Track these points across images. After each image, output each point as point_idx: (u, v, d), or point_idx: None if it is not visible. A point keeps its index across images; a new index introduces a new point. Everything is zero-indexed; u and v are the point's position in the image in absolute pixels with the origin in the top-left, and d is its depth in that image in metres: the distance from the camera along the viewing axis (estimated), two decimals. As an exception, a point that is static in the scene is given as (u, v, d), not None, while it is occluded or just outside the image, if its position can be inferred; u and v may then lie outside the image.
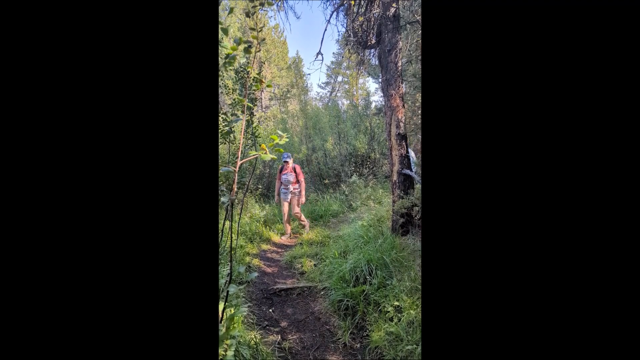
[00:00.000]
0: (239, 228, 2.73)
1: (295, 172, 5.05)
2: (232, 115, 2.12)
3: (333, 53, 22.42)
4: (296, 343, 2.48)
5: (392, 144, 4.09)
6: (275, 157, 0.81)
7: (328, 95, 21.93)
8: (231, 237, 0.84)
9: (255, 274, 1.27)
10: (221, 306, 0.93)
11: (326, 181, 7.96)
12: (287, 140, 0.86)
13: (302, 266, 3.88)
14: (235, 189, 0.77)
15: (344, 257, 3.58)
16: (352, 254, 3.40)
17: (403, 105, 4.06)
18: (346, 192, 6.89)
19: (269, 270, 3.91)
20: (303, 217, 5.29)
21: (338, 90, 22.56)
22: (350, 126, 8.61)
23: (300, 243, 4.70)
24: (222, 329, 0.85)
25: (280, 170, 5.08)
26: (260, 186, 7.13)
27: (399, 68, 3.99)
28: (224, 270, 0.85)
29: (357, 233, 3.99)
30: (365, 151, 8.13)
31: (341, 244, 3.97)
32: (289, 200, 5.06)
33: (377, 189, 6.97)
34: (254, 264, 3.86)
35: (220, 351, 0.81)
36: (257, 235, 4.93)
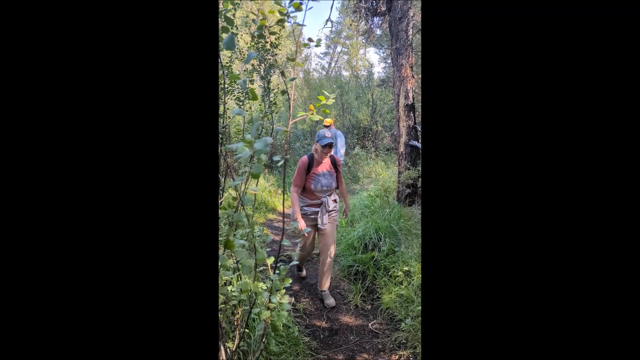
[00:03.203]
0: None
1: (336, 168, 2.54)
2: (250, 81, 2.09)
3: (333, 22, 21.56)
4: (309, 305, 2.60)
5: (400, 115, 4.08)
6: (322, 117, 0.82)
7: (327, 66, 21.38)
8: (283, 196, 0.87)
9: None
10: (270, 260, 0.98)
11: (328, 153, 7.95)
12: (334, 101, 0.85)
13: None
14: (287, 147, 0.78)
15: (351, 225, 3.67)
16: (359, 223, 3.48)
17: (413, 75, 4.01)
18: (349, 164, 6.92)
19: (277, 238, 4.01)
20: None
21: (337, 60, 21.98)
22: (353, 97, 8.50)
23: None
24: (277, 280, 0.91)
25: (309, 167, 2.42)
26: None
27: (410, 37, 3.90)
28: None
29: (363, 203, 4.07)
30: (368, 123, 8.09)
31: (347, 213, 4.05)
32: (326, 226, 2.51)
33: (378, 161, 7.01)
34: (264, 233, 3.95)
35: (277, 299, 0.87)
36: (263, 205, 5.01)
